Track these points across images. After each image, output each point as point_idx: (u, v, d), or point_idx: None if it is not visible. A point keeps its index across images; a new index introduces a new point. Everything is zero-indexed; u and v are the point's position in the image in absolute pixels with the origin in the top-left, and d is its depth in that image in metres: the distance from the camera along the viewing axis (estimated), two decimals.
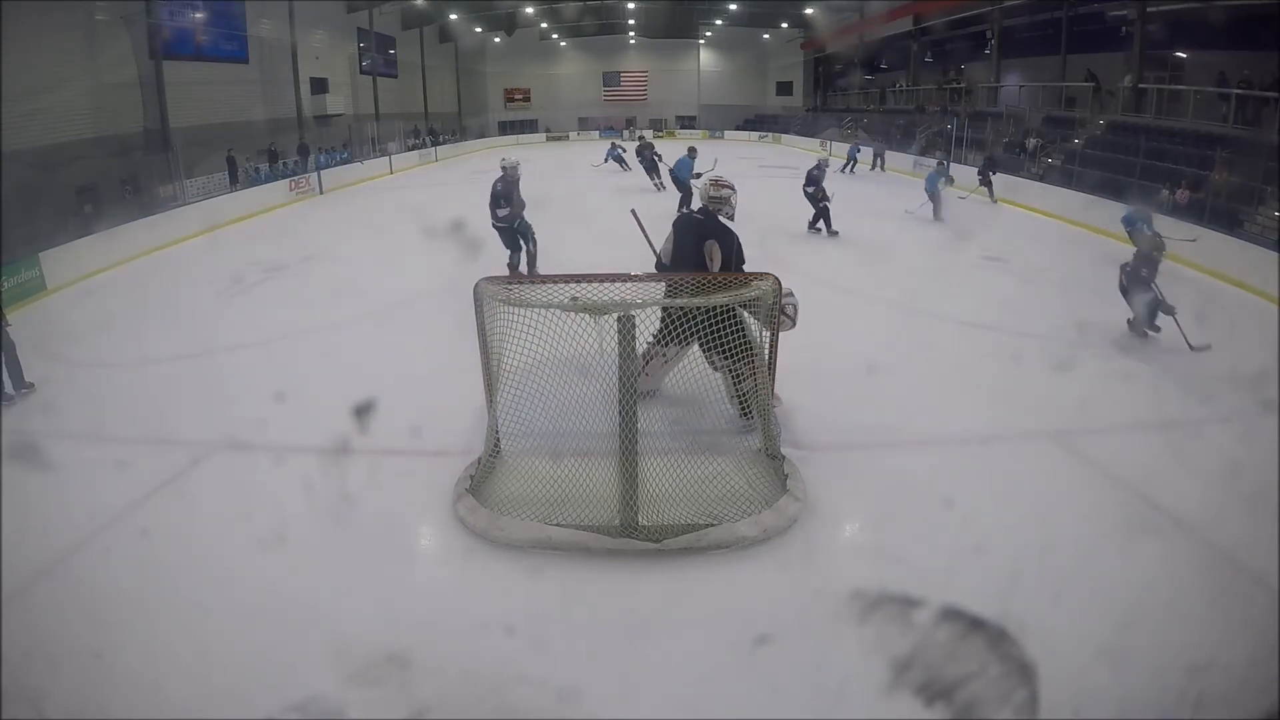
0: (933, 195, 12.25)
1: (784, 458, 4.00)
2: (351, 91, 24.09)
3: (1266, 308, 7.38)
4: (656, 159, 15.51)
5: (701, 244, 4.43)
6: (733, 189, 4.63)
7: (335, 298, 7.91)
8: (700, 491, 3.66)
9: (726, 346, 3.87)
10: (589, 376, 3.75)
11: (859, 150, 19.48)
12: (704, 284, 3.77)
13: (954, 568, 3.18)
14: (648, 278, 3.75)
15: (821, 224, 10.63)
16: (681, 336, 4.01)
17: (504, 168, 7.79)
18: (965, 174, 16.03)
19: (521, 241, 7.93)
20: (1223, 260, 8.60)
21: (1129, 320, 6.18)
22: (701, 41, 34.93)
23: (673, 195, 12.13)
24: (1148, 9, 14.27)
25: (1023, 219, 12.70)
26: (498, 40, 33.97)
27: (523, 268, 7.92)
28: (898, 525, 3.64)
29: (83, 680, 2.71)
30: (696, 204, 4.96)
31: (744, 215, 4.93)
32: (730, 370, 4.20)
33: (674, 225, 4.70)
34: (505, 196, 7.65)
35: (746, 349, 3.99)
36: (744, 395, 4.28)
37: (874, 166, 19.56)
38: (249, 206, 14.59)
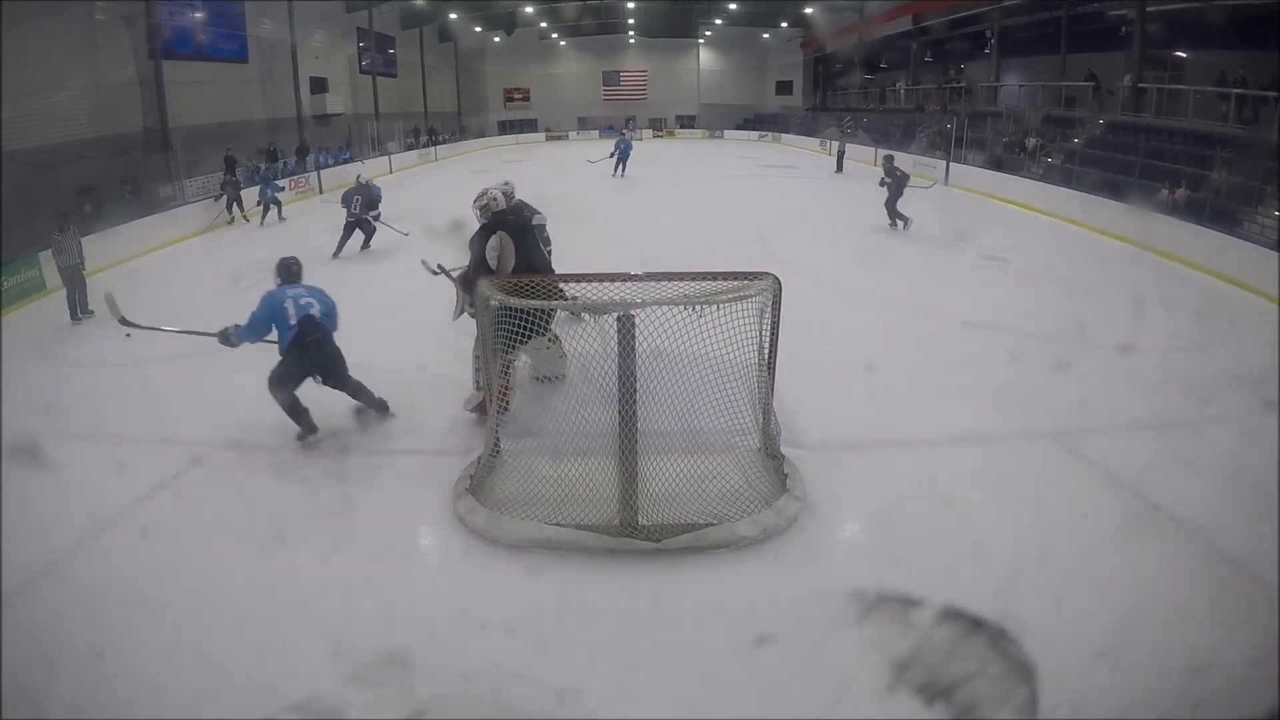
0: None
1: (784, 457, 4.00)
2: (351, 91, 24.07)
3: (1266, 308, 7.38)
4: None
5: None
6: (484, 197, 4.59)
7: (335, 297, 7.89)
8: (700, 491, 3.65)
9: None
10: (588, 376, 3.75)
11: (628, 139, 17.45)
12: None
13: (954, 568, 3.18)
14: (648, 277, 3.74)
15: None
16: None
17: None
18: (968, 175, 16.06)
19: None
20: (1223, 260, 8.60)
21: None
22: (701, 41, 34.91)
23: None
24: (1147, 9, 14.25)
25: (1023, 219, 12.70)
26: (497, 40, 33.95)
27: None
28: (898, 525, 3.64)
29: (83, 680, 2.71)
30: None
31: (745, 214, 4.92)
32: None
33: (507, 234, 4.51)
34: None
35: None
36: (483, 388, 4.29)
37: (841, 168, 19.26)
38: (249, 206, 14.56)
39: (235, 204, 13.50)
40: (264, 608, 3.07)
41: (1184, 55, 14.02)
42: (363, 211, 10.23)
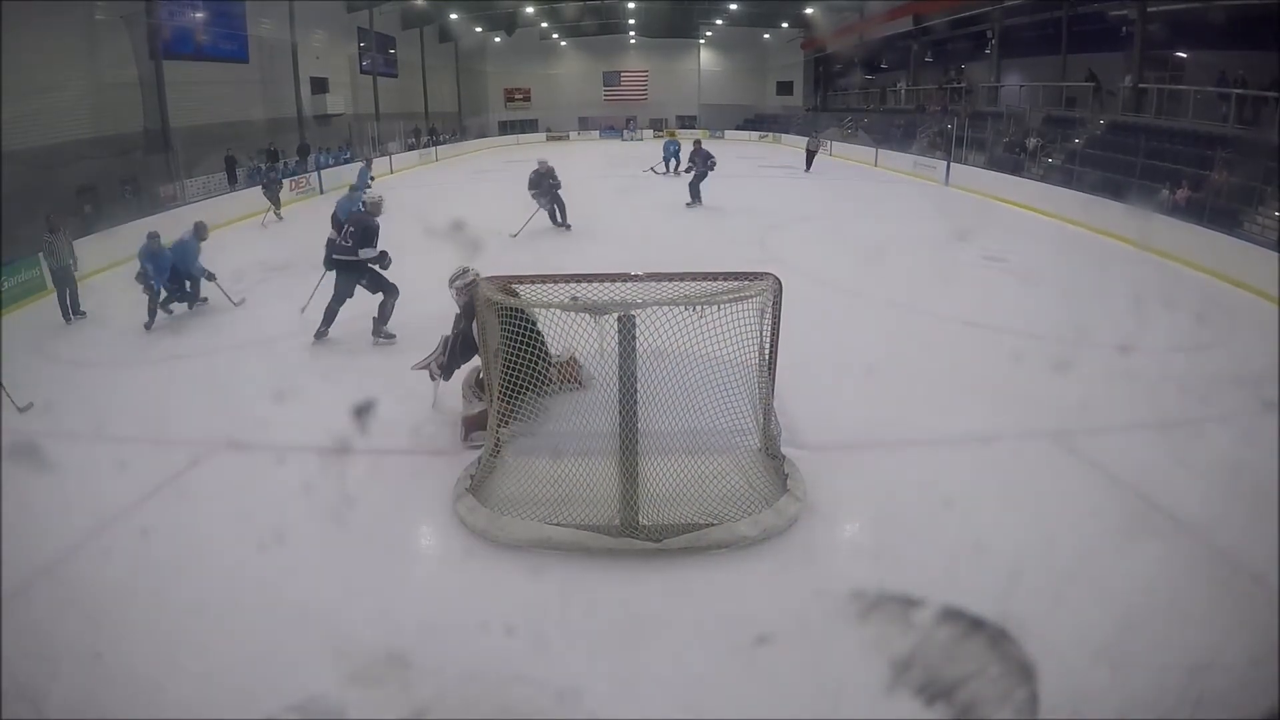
0: None
1: (784, 457, 4.00)
2: (351, 91, 24.07)
3: (1266, 308, 7.38)
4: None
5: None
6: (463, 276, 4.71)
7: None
8: (700, 491, 3.66)
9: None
10: (589, 377, 3.75)
11: (675, 140, 18.43)
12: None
13: (954, 568, 3.18)
14: (648, 278, 3.75)
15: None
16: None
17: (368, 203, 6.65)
18: (968, 175, 16.05)
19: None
20: (1223, 260, 8.60)
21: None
22: (701, 41, 34.89)
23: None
24: (1148, 9, 14.25)
25: (1023, 219, 12.70)
26: (498, 40, 33.94)
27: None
28: (898, 525, 3.64)
29: (83, 680, 2.71)
30: None
31: (746, 213, 4.91)
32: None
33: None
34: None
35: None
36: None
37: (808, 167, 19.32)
38: (249, 206, 14.54)
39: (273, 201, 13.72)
40: (264, 607, 3.06)
41: (1184, 55, 14.01)
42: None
